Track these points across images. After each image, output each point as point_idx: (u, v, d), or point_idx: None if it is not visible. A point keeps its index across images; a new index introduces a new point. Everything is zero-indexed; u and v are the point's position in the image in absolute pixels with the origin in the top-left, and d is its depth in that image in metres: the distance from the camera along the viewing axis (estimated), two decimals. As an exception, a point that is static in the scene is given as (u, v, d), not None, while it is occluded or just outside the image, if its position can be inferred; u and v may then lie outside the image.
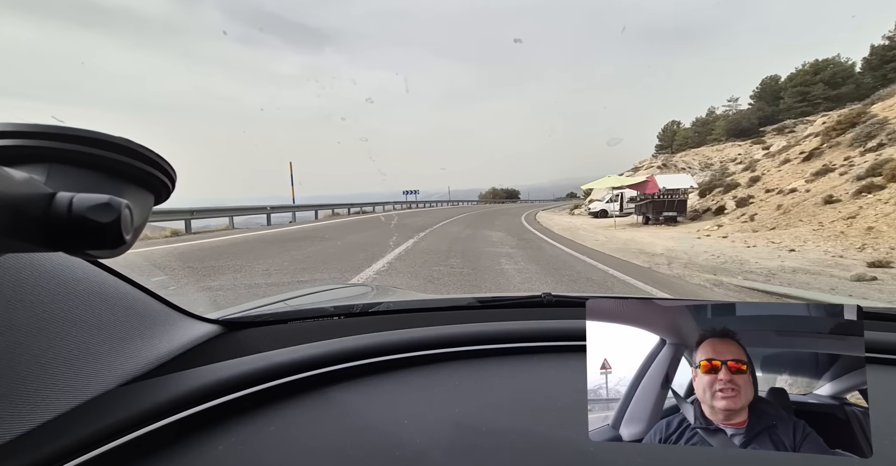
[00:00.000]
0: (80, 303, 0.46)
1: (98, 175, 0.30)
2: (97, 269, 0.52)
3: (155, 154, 0.33)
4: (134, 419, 0.45)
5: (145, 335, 0.56)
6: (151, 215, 0.36)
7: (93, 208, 0.26)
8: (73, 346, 0.43)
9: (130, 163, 0.31)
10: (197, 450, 0.47)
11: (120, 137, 0.30)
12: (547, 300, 0.88)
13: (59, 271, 0.45)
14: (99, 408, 0.44)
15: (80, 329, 0.45)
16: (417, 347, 0.70)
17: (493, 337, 0.74)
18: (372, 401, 0.58)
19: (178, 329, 0.63)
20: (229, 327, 0.76)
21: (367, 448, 0.48)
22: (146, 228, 0.35)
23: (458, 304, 0.93)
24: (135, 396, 0.47)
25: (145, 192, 0.34)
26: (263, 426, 0.52)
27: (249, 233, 10.37)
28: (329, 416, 0.55)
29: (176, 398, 0.50)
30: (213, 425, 0.51)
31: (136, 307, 0.56)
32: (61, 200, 0.25)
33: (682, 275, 5.13)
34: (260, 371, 0.59)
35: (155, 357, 0.55)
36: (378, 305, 0.91)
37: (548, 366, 0.69)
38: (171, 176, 0.35)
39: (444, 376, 0.66)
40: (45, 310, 0.42)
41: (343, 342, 0.69)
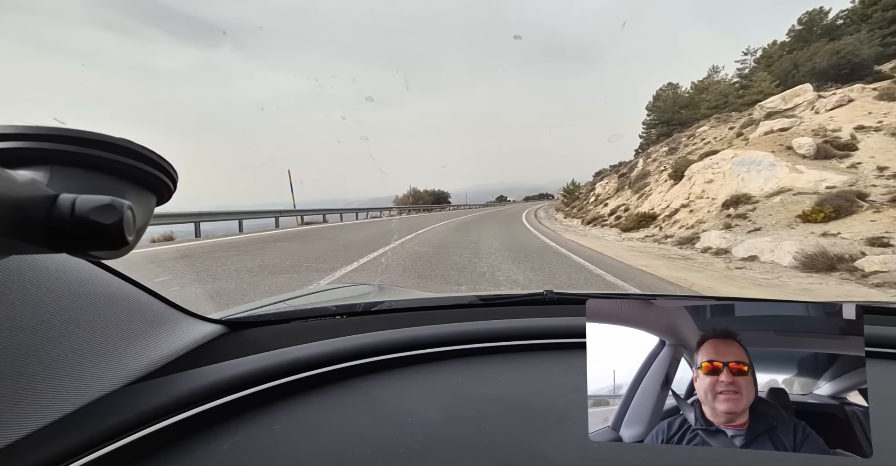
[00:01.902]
0: (84, 304, 0.47)
1: (100, 176, 0.30)
2: (100, 270, 0.52)
3: (156, 155, 0.33)
4: (139, 418, 0.45)
5: (149, 335, 0.56)
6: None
7: (95, 209, 0.26)
8: (78, 347, 0.44)
9: (132, 164, 0.31)
10: (202, 449, 0.47)
11: (121, 139, 0.30)
12: (549, 297, 0.88)
13: (63, 273, 0.45)
14: (104, 408, 0.44)
15: (84, 330, 0.45)
16: (420, 345, 0.71)
17: (496, 335, 0.74)
18: (375, 399, 0.59)
19: (182, 329, 0.64)
20: (232, 327, 0.76)
21: (370, 445, 0.48)
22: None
23: (461, 302, 0.93)
24: (139, 396, 0.48)
25: (147, 193, 0.34)
26: (268, 424, 0.52)
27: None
28: (333, 414, 0.55)
29: (180, 398, 0.50)
30: (217, 424, 0.51)
31: (139, 307, 0.56)
32: (64, 201, 0.26)
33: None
34: (263, 371, 0.59)
35: (159, 357, 0.56)
36: (380, 304, 0.91)
37: (551, 363, 0.69)
38: (173, 177, 0.36)
39: (447, 374, 0.66)
40: (49, 311, 0.42)
41: (345, 341, 0.69)
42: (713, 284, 4.37)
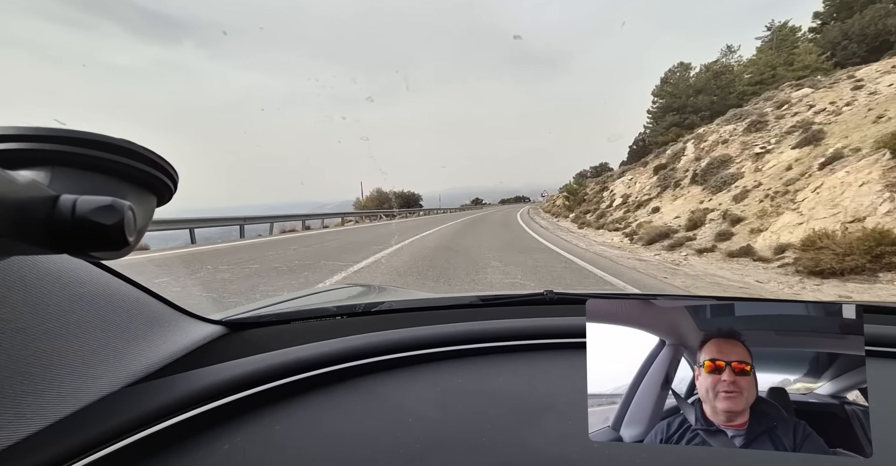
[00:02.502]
0: (85, 305, 0.47)
1: (101, 177, 0.30)
2: (101, 271, 0.52)
3: (157, 155, 0.33)
4: (139, 419, 0.45)
5: (149, 336, 0.56)
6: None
7: (96, 210, 0.26)
8: (79, 348, 0.44)
9: (132, 165, 0.31)
10: (203, 450, 0.47)
11: (122, 139, 0.31)
12: (549, 297, 0.88)
13: (63, 274, 0.45)
14: (105, 409, 0.44)
15: (84, 331, 0.45)
16: (420, 345, 0.71)
17: (496, 335, 0.74)
18: (376, 400, 0.59)
19: (182, 330, 0.64)
20: (233, 327, 0.76)
21: (371, 445, 0.48)
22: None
23: (461, 302, 0.93)
24: (140, 397, 0.48)
25: (148, 193, 0.34)
26: (268, 425, 0.52)
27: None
28: (333, 415, 0.55)
29: (180, 399, 0.50)
30: (218, 425, 0.51)
31: (139, 308, 0.56)
32: (65, 202, 0.26)
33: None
34: (263, 371, 0.59)
35: (159, 358, 0.55)
36: (380, 304, 0.91)
37: (551, 363, 0.69)
38: (173, 177, 0.36)
39: (448, 374, 0.66)
40: (50, 312, 0.42)
41: (346, 341, 0.69)
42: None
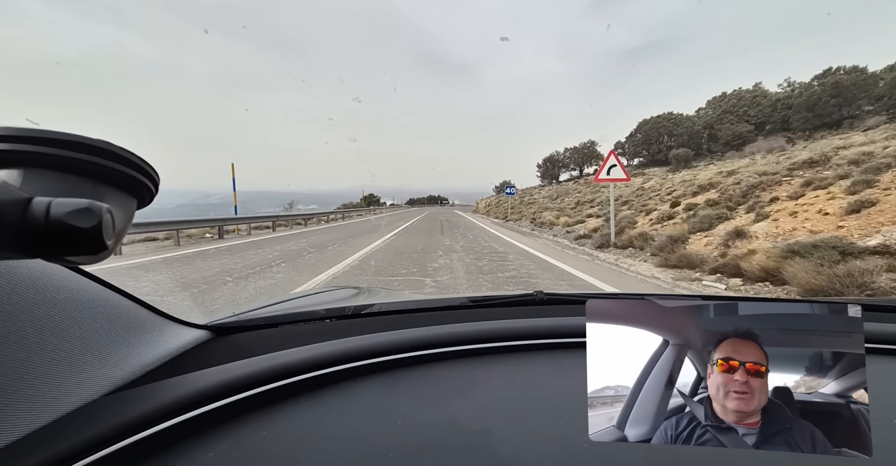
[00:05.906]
0: (61, 311, 0.45)
1: (77, 179, 0.29)
2: (78, 276, 0.50)
3: (136, 157, 0.32)
4: (120, 428, 0.44)
5: (130, 342, 0.54)
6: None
7: (72, 213, 0.25)
8: (55, 356, 0.42)
9: (111, 166, 0.30)
10: (187, 458, 0.46)
11: (99, 140, 0.30)
12: (539, 298, 0.88)
13: (38, 279, 0.44)
14: (83, 419, 0.42)
15: (61, 338, 0.44)
16: (410, 348, 0.70)
17: (486, 336, 0.74)
18: (365, 403, 0.58)
19: (165, 336, 0.62)
20: (218, 332, 0.75)
21: (361, 450, 0.48)
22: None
23: (450, 304, 0.92)
24: (120, 405, 0.46)
25: (127, 196, 0.33)
26: (255, 431, 0.51)
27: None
28: (322, 420, 0.54)
29: (163, 406, 0.49)
30: (202, 432, 0.50)
31: (119, 314, 0.55)
32: (38, 205, 0.25)
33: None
34: (251, 376, 0.58)
35: (141, 365, 0.54)
36: (369, 307, 0.90)
37: (541, 363, 0.69)
38: (154, 179, 0.35)
39: (438, 376, 0.66)
40: (24, 320, 0.40)
41: (335, 344, 0.68)
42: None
